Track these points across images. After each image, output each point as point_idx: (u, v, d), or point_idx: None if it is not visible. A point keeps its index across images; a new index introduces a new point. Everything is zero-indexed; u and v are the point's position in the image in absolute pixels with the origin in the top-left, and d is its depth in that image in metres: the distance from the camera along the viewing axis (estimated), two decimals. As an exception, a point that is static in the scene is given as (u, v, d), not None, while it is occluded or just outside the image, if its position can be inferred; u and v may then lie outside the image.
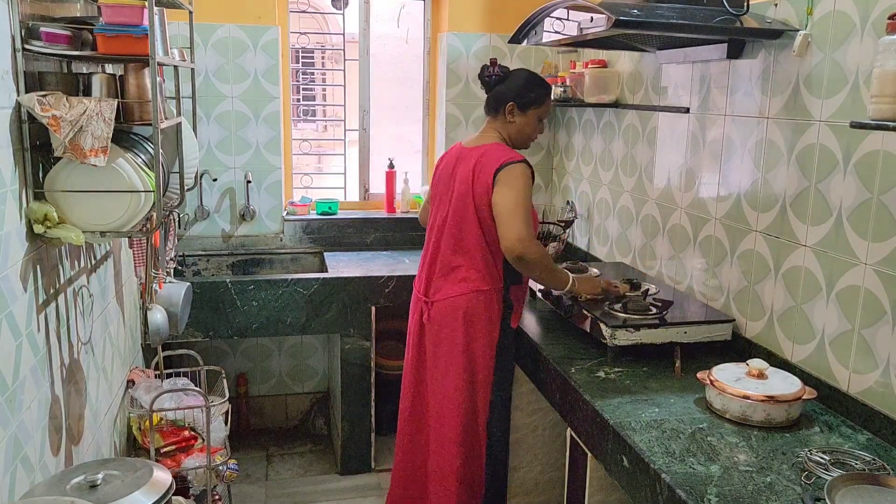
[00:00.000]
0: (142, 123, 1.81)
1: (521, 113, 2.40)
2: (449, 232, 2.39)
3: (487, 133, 2.45)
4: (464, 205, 2.35)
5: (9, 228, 1.51)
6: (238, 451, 3.32)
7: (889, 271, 1.65)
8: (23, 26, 1.58)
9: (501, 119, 2.42)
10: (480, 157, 2.34)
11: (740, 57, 2.17)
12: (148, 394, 2.33)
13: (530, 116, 2.41)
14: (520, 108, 2.40)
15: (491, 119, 2.46)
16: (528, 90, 2.39)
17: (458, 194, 2.36)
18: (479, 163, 2.33)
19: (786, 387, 1.74)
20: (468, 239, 2.35)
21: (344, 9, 3.65)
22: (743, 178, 2.18)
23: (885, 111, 1.36)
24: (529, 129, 2.44)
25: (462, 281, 2.37)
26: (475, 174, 2.32)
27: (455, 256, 2.39)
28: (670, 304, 2.20)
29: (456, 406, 2.40)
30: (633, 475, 1.62)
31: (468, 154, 2.39)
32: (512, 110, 2.39)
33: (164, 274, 2.57)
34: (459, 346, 2.38)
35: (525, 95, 2.39)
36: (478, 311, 2.36)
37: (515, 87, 2.40)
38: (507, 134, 2.43)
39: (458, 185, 2.37)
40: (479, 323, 2.36)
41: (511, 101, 2.39)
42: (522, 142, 2.47)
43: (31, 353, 1.62)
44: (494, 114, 2.44)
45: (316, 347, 3.74)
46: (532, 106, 2.40)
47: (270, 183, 3.47)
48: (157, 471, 1.56)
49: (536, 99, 2.40)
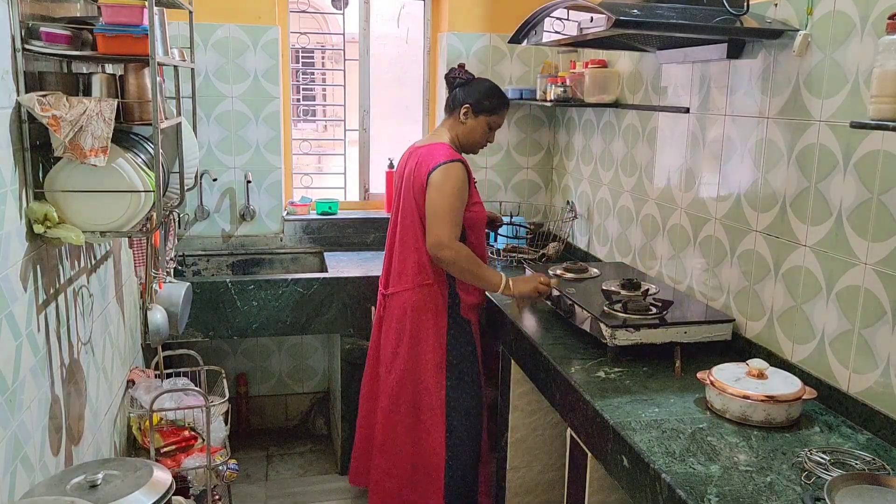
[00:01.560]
0: (142, 123, 1.81)
1: (473, 116, 2.55)
2: (400, 229, 2.58)
3: (438, 132, 2.62)
4: (407, 203, 2.53)
5: (9, 228, 1.51)
6: (238, 451, 3.32)
7: (889, 271, 1.65)
8: (23, 26, 1.58)
9: (455, 118, 2.59)
10: (421, 157, 2.51)
11: (740, 57, 2.17)
12: (148, 394, 2.33)
13: (481, 122, 2.56)
14: (473, 112, 2.55)
15: (446, 118, 2.64)
16: (486, 97, 2.55)
17: (405, 193, 2.55)
18: (419, 163, 2.50)
19: (786, 387, 1.74)
20: (412, 235, 2.53)
21: (344, 9, 3.65)
22: (743, 177, 2.18)
23: (885, 111, 1.36)
24: (478, 134, 2.58)
25: (409, 275, 2.56)
26: (415, 174, 2.49)
27: (403, 251, 2.57)
28: (670, 304, 2.20)
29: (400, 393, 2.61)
30: (633, 475, 1.62)
31: (415, 153, 2.56)
32: (466, 112, 2.55)
33: (164, 274, 2.57)
34: (406, 336, 2.57)
35: (481, 102, 2.55)
36: (424, 304, 2.55)
37: (475, 91, 2.56)
38: (455, 134, 2.59)
39: (405, 184, 2.55)
40: (426, 314, 2.55)
41: (467, 103, 2.55)
42: (470, 146, 2.62)
43: (31, 353, 1.62)
44: (450, 113, 2.62)
45: (316, 347, 3.74)
46: (485, 112, 2.55)
47: (270, 183, 3.47)
48: (157, 471, 1.56)
49: (491, 107, 2.55)
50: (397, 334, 2.61)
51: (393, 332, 2.63)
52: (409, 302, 2.57)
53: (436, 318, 2.57)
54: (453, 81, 2.61)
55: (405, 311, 2.59)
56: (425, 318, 2.57)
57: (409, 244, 2.56)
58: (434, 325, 2.57)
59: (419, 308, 2.57)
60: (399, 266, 2.60)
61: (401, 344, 2.60)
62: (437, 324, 2.57)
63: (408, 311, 2.58)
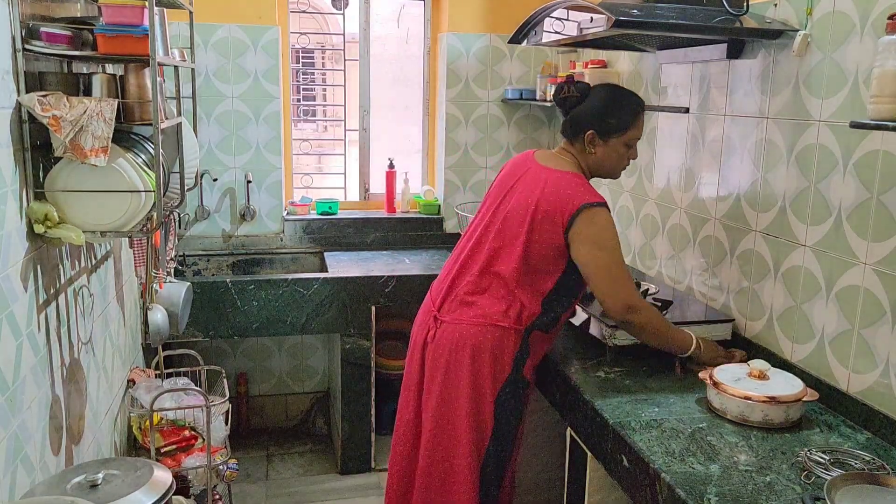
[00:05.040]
0: (142, 123, 1.81)
1: (602, 143, 2.06)
2: (486, 248, 2.09)
3: (564, 157, 2.12)
4: (515, 227, 2.04)
5: (9, 228, 1.51)
6: (238, 451, 3.32)
7: (889, 271, 1.65)
8: (23, 26, 1.58)
9: (580, 146, 2.09)
10: (553, 183, 2.02)
11: (740, 57, 2.17)
12: (148, 393, 2.33)
13: (613, 146, 2.06)
14: (601, 137, 2.06)
15: (568, 144, 2.13)
16: (610, 115, 2.05)
17: (513, 213, 2.06)
18: (548, 190, 2.01)
19: (787, 388, 1.74)
20: (505, 265, 2.05)
21: (344, 9, 3.65)
22: (742, 177, 2.18)
23: (885, 111, 1.36)
24: (614, 160, 2.09)
25: (479, 308, 2.07)
26: (540, 202, 2.01)
27: (483, 278, 2.09)
28: (670, 304, 2.20)
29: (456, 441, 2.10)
30: (633, 475, 1.62)
31: (538, 173, 2.07)
32: (593, 140, 2.06)
33: (165, 274, 2.57)
34: (465, 379, 2.06)
35: (607, 122, 2.05)
36: (486, 346, 2.05)
37: (595, 111, 2.06)
38: (585, 164, 2.11)
39: (516, 204, 2.06)
40: (486, 359, 2.05)
41: (590, 128, 2.06)
42: (606, 173, 2.15)
43: (32, 353, 1.62)
44: (572, 139, 2.11)
45: (316, 347, 3.74)
46: (616, 133, 2.05)
47: (270, 183, 3.47)
48: (158, 470, 1.56)
49: (620, 125, 2.05)
50: (453, 376, 2.08)
51: (441, 371, 2.10)
52: (471, 338, 2.05)
53: (494, 368, 2.05)
54: (564, 102, 2.11)
55: (463, 350, 2.06)
56: (485, 364, 2.05)
57: (497, 271, 2.06)
58: (492, 376, 2.06)
59: (483, 350, 2.04)
60: (471, 295, 2.09)
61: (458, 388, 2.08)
62: (495, 376, 2.06)
63: (467, 350, 2.05)
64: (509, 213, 2.07)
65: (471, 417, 2.07)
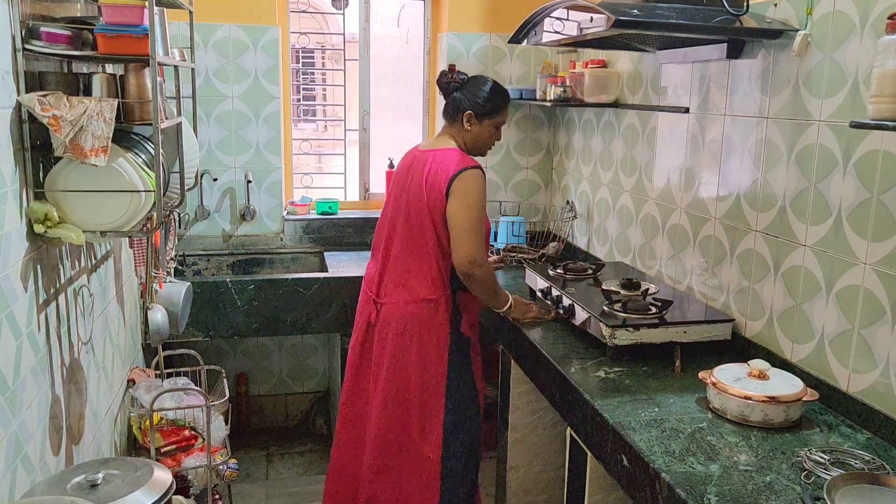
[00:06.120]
0: (142, 123, 1.81)
1: (477, 122, 2.44)
2: (402, 236, 2.43)
3: (443, 138, 2.49)
4: (418, 211, 2.38)
5: (9, 228, 1.51)
6: (238, 451, 3.32)
7: (889, 271, 1.65)
8: (23, 26, 1.58)
9: (458, 126, 2.46)
10: (434, 162, 2.39)
11: (740, 57, 2.17)
12: (148, 393, 2.33)
13: (486, 126, 2.46)
14: (477, 118, 2.44)
15: (448, 125, 2.51)
16: (486, 100, 2.44)
17: (413, 199, 2.40)
18: (432, 169, 2.37)
19: (787, 388, 1.74)
20: (422, 245, 2.39)
21: (344, 9, 3.65)
22: (742, 177, 2.18)
23: (885, 111, 1.36)
24: (485, 138, 2.49)
25: (411, 288, 2.42)
26: (428, 180, 2.36)
27: (407, 261, 2.42)
28: (670, 304, 2.20)
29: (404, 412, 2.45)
30: (633, 475, 1.62)
31: (422, 158, 2.44)
32: (469, 119, 2.44)
33: (165, 273, 2.57)
34: (414, 348, 2.42)
35: (483, 106, 2.43)
36: (428, 320, 2.41)
37: (474, 96, 2.44)
38: (462, 141, 2.47)
39: (413, 190, 2.41)
40: (429, 331, 2.41)
41: (468, 110, 2.43)
42: (478, 150, 2.51)
43: (32, 353, 1.62)
44: (451, 120, 2.49)
45: (316, 347, 3.74)
46: (488, 116, 2.45)
47: (270, 183, 3.47)
48: (158, 470, 1.56)
49: (493, 109, 2.45)
50: (394, 350, 2.43)
51: (389, 347, 2.44)
52: (411, 316, 2.41)
53: (438, 335, 2.43)
54: (447, 86, 2.48)
55: (405, 326, 2.42)
56: (428, 335, 2.42)
57: (419, 254, 2.40)
58: (436, 343, 2.42)
59: (423, 323, 2.41)
60: (401, 276, 2.44)
61: (396, 361, 2.43)
62: (439, 341, 2.43)
63: (409, 325, 2.41)
64: (409, 199, 2.41)
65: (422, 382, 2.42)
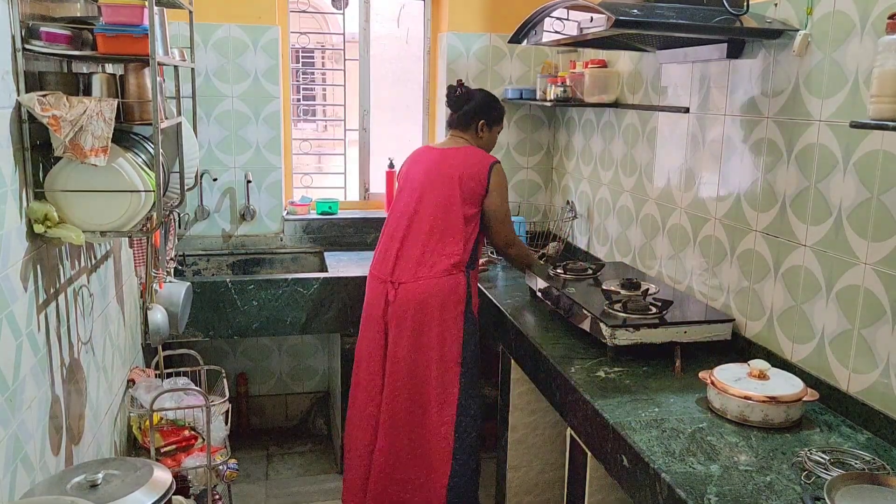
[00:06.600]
0: (142, 123, 1.81)
1: (488, 129, 2.82)
2: (427, 219, 2.67)
3: (459, 141, 2.80)
4: (447, 191, 2.66)
5: (9, 228, 1.51)
6: (238, 451, 3.32)
7: (889, 271, 1.65)
8: (23, 26, 1.58)
9: (472, 133, 2.80)
10: (467, 155, 2.72)
11: (740, 57, 2.17)
12: (148, 393, 2.33)
13: (494, 132, 2.86)
14: (488, 125, 2.81)
15: (460, 132, 2.81)
16: (493, 109, 2.82)
17: (440, 183, 2.67)
18: (464, 160, 2.70)
19: (787, 388, 1.74)
20: (449, 226, 2.66)
21: (344, 9, 3.65)
22: (743, 177, 2.18)
23: (885, 111, 1.36)
24: (493, 143, 2.88)
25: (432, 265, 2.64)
26: (461, 168, 2.67)
27: (429, 241, 2.65)
28: (670, 304, 2.20)
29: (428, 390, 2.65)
30: (633, 475, 1.62)
31: (447, 152, 2.75)
32: (483, 127, 2.79)
33: (165, 273, 2.57)
34: (433, 328, 2.63)
35: (491, 114, 2.81)
36: (445, 294, 2.63)
37: (484, 106, 2.79)
38: (477, 145, 2.80)
39: (438, 176, 2.69)
40: (448, 306, 2.64)
41: (482, 119, 2.78)
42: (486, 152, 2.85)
43: (32, 353, 1.62)
44: (465, 128, 2.80)
45: (316, 347, 3.74)
46: (496, 123, 2.84)
47: (270, 183, 3.47)
48: (158, 470, 1.56)
49: (499, 117, 2.84)
50: (414, 325, 2.63)
51: (409, 323, 2.63)
52: (433, 290, 2.61)
53: (456, 311, 2.64)
54: (458, 99, 2.78)
55: (426, 301, 2.62)
56: (447, 311, 2.63)
57: (443, 235, 2.64)
58: (454, 318, 2.64)
59: (443, 298, 2.62)
60: (422, 255, 2.64)
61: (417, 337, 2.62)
62: (457, 317, 2.64)
63: (430, 300, 2.61)
64: (442, 187, 2.67)
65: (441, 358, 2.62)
